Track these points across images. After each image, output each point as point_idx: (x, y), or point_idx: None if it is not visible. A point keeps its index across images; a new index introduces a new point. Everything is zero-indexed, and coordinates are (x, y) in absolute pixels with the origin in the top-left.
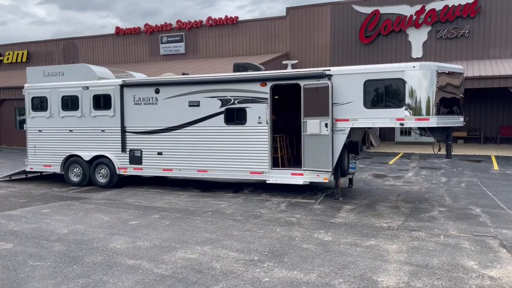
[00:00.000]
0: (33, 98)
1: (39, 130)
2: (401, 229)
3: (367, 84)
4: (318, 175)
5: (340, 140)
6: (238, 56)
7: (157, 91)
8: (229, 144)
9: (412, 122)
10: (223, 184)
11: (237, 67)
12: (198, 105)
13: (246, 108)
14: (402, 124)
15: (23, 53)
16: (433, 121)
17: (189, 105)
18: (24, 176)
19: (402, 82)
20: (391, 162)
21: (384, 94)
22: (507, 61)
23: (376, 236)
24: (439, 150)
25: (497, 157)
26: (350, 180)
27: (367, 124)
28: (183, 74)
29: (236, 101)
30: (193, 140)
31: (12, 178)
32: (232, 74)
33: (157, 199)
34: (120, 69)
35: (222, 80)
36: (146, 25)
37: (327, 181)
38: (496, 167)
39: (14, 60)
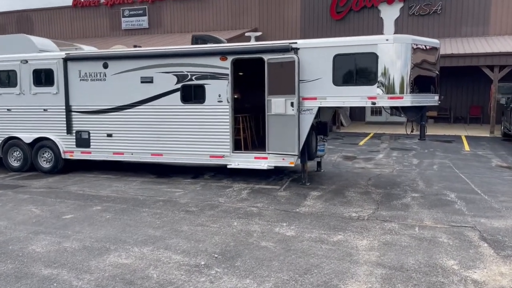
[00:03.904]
0: None
1: None
2: (371, 220)
3: (337, 59)
4: (283, 159)
5: (307, 121)
6: (205, 32)
7: (105, 66)
8: (186, 125)
9: (384, 101)
10: (183, 169)
11: (196, 39)
12: (152, 82)
13: (205, 85)
14: (374, 103)
15: None
16: (407, 100)
17: (141, 82)
18: None
19: (374, 56)
20: (361, 143)
21: (355, 70)
22: (479, 39)
23: (345, 229)
24: (412, 131)
25: (467, 137)
26: (319, 164)
27: (336, 103)
28: (135, 46)
29: (193, 77)
30: (146, 120)
31: None
32: (189, 46)
33: (105, 187)
34: (68, 42)
35: (178, 54)
36: None
37: (293, 165)
38: (467, 147)
39: None
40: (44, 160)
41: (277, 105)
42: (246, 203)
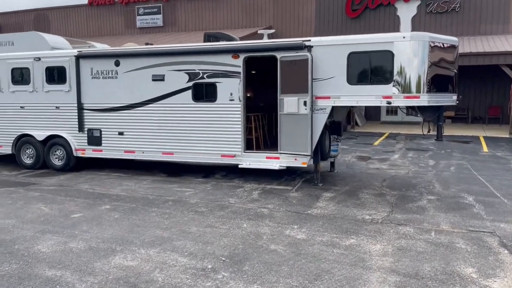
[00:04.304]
0: None
1: None
2: (386, 223)
3: (351, 57)
4: (295, 159)
5: (321, 120)
6: (218, 30)
7: (117, 64)
8: (198, 123)
9: (400, 101)
10: (194, 168)
11: (208, 37)
12: (163, 80)
13: (217, 83)
14: (389, 103)
15: None
16: (424, 100)
17: (153, 79)
18: None
19: (390, 55)
20: (376, 143)
21: (370, 68)
22: (499, 38)
23: (358, 232)
24: (428, 131)
25: (485, 137)
26: (332, 164)
27: (350, 103)
28: (147, 44)
29: (205, 75)
30: (158, 119)
31: None
32: (201, 44)
33: (115, 185)
34: (81, 40)
35: (190, 51)
36: None
37: (305, 165)
38: (485, 148)
39: None
40: (56, 158)
41: (289, 104)
42: (256, 204)
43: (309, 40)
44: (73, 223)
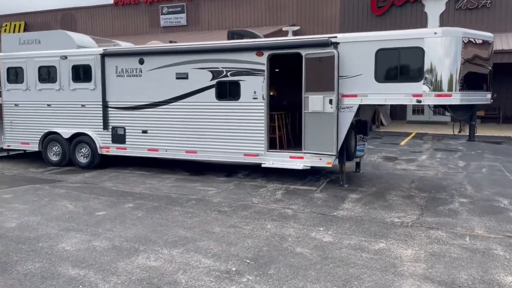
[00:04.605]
0: (8, 69)
1: (15, 104)
2: (416, 226)
3: (380, 53)
4: (320, 159)
5: (347, 119)
6: (242, 28)
7: (141, 62)
8: (221, 122)
9: (431, 99)
10: (216, 166)
11: (232, 35)
12: (186, 78)
13: (240, 81)
14: (419, 101)
15: (20, 24)
16: (456, 98)
17: (176, 78)
18: (5, 154)
19: (420, 51)
20: (402, 143)
21: (399, 65)
22: None
23: (387, 236)
24: (459, 131)
25: None
26: (357, 164)
27: (378, 101)
28: (171, 42)
29: (229, 73)
30: (181, 117)
31: None
32: (224, 42)
33: (139, 183)
34: (107, 39)
35: (213, 49)
36: None
37: (330, 165)
38: None
39: (12, 32)
40: (81, 155)
41: (314, 102)
42: (280, 204)
43: (336, 37)
44: (97, 221)
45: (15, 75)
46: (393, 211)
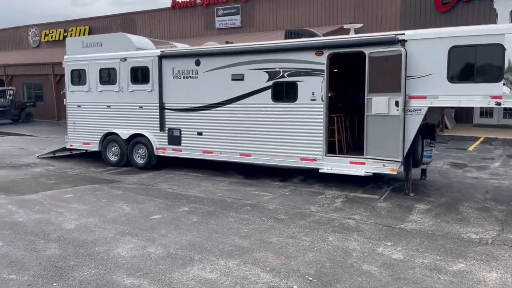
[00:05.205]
0: (72, 71)
1: (77, 106)
2: (497, 244)
3: (453, 51)
4: (384, 165)
5: (414, 123)
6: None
7: (197, 63)
8: (277, 124)
9: None
10: (271, 170)
11: (289, 34)
12: (242, 79)
13: (298, 82)
14: (498, 104)
15: (85, 29)
16: None
17: (232, 79)
18: (69, 153)
19: (500, 48)
20: (470, 148)
21: (476, 64)
22: None
23: (465, 255)
24: None
25: None
26: (423, 171)
27: (451, 103)
28: (227, 43)
29: (285, 74)
30: (236, 119)
31: (56, 154)
32: (282, 41)
33: (193, 186)
34: (164, 41)
35: (270, 49)
36: None
37: (395, 172)
38: None
39: (77, 36)
40: (138, 156)
41: (379, 104)
42: (341, 213)
43: (403, 34)
44: (152, 225)
45: (78, 77)
46: (469, 225)
